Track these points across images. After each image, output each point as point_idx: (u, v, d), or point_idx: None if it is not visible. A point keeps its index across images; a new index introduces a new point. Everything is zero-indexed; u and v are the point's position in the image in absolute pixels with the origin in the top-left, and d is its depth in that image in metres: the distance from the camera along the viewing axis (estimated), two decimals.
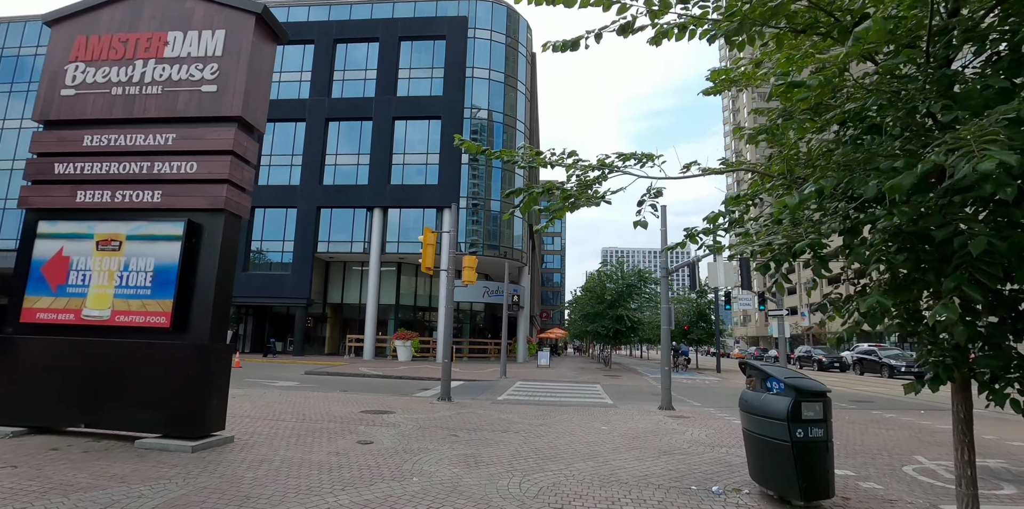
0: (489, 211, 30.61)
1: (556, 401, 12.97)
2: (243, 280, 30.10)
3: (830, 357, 33.62)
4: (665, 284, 11.78)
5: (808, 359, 35.36)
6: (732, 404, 13.05)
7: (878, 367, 27.24)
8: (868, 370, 28.34)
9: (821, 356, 34.18)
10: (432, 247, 12.62)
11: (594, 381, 19.52)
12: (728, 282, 11.49)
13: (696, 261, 11.68)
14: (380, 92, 31.50)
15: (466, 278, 12.88)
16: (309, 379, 17.99)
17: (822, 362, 33.31)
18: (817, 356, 34.54)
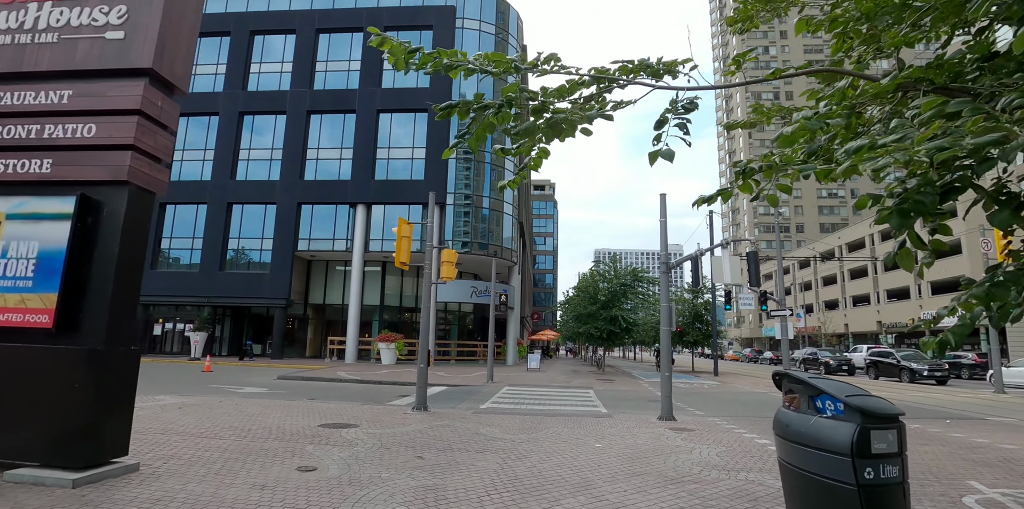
0: (482, 208, 29.39)
1: (545, 410, 11.75)
2: (219, 279, 28.75)
3: (837, 359, 32.08)
4: (665, 281, 10.61)
5: (814, 361, 33.82)
6: (738, 413, 11.86)
7: (895, 371, 25.35)
8: (884, 374, 26.50)
9: (828, 358, 32.64)
10: (407, 240, 11.39)
11: (587, 386, 18.31)
12: (734, 278, 10.30)
13: (699, 255, 10.51)
14: (364, 84, 30.23)
15: (445, 274, 11.66)
16: (280, 385, 16.68)
17: (829, 365, 31.79)
18: (824, 358, 33.01)
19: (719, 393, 17.15)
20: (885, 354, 26.58)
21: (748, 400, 15.11)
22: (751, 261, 10.88)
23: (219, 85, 31.48)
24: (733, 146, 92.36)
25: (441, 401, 13.22)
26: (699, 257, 10.79)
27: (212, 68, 31.89)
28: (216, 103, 30.98)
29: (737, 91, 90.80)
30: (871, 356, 27.84)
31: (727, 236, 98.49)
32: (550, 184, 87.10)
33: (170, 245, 30.23)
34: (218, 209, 29.72)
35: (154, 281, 29.22)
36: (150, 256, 29.61)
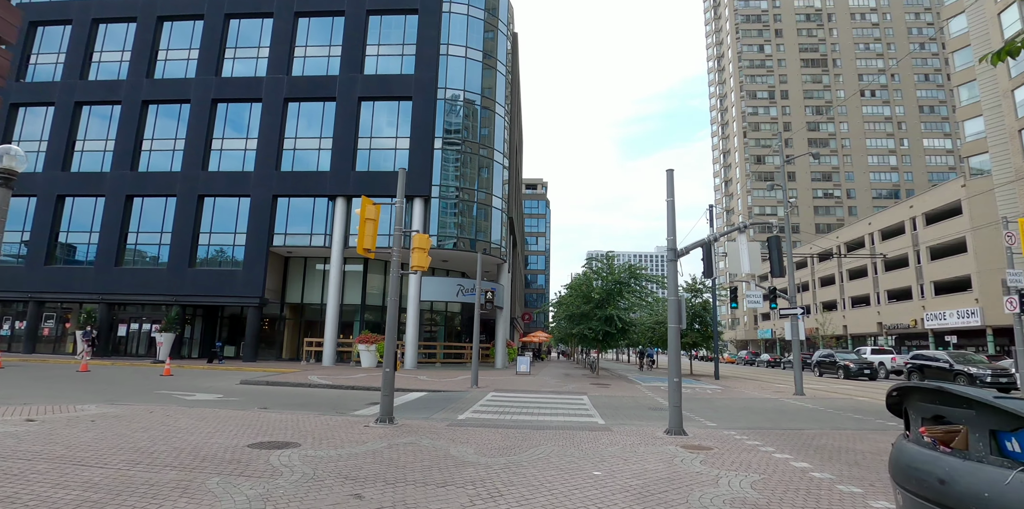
0: (475, 202, 27.74)
1: (532, 421, 10.13)
2: (189, 277, 26.94)
3: (859, 363, 28.35)
4: (673, 270, 9.02)
5: (830, 365, 29.91)
6: (756, 424, 10.27)
7: (947, 377, 20.74)
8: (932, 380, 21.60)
9: (847, 361, 28.78)
10: (372, 223, 9.75)
11: (580, 391, 16.70)
12: (754, 267, 8.72)
13: (712, 241, 8.93)
14: (345, 70, 28.53)
15: (416, 262, 10.01)
16: (238, 390, 14.96)
17: (849, 368, 28.08)
18: (843, 360, 29.09)
19: (726, 400, 15.58)
20: (932, 357, 22.44)
21: (761, 408, 13.55)
22: (774, 247, 9.31)
23: (191, 71, 29.69)
24: (727, 146, 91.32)
25: (414, 410, 11.56)
26: (711, 243, 9.21)
27: (184, 53, 30.11)
28: (188, 90, 29.18)
29: (731, 91, 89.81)
30: (914, 359, 23.55)
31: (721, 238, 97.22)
32: (542, 183, 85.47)
33: (137, 240, 28.35)
34: (188, 202, 27.89)
35: (119, 278, 27.39)
36: (115, 252, 27.76)
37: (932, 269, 40.65)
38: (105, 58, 30.75)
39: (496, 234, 29.00)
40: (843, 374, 28.10)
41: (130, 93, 29.55)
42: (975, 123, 36.97)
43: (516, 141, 37.12)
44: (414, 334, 25.92)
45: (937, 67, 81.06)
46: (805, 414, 12.27)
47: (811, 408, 13.51)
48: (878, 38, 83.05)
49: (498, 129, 29.82)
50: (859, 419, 11.46)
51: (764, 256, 37.19)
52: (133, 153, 28.95)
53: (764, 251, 33.56)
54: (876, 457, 7.17)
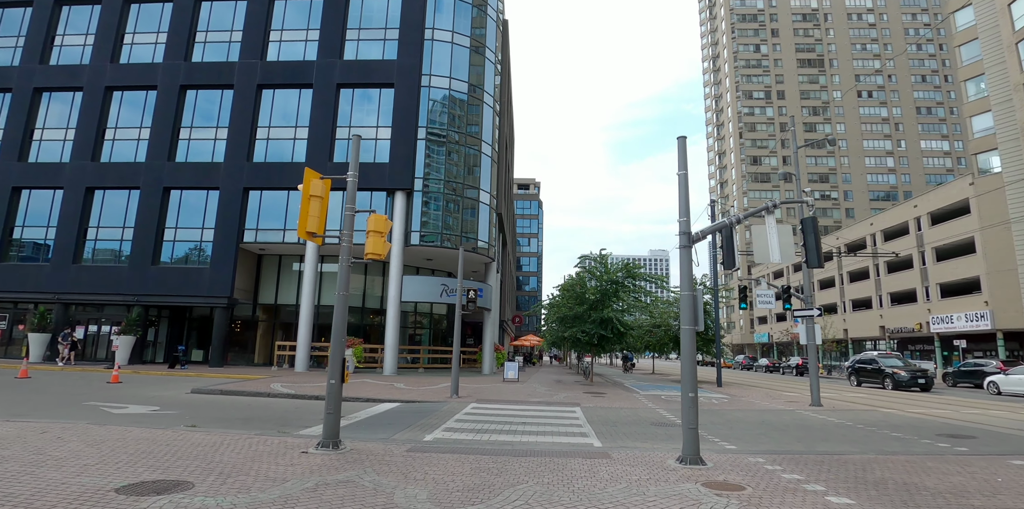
0: (461, 196, 25.94)
1: (514, 443, 8.33)
2: (152, 275, 24.98)
3: (910, 370, 23.01)
4: (687, 258, 7.28)
5: (873, 373, 24.72)
6: (784, 446, 8.46)
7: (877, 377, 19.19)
8: None
9: (896, 368, 23.54)
10: (317, 202, 7.95)
11: (572, 402, 14.91)
12: (785, 255, 6.98)
13: (733, 223, 7.18)
14: (323, 55, 26.73)
15: (371, 249, 8.21)
16: (184, 401, 13.10)
17: (898, 378, 22.92)
18: (889, 367, 23.77)
19: (737, 412, 13.83)
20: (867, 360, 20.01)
21: (780, 423, 11.80)
22: (809, 230, 7.59)
23: (159, 56, 27.79)
24: (723, 147, 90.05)
25: (376, 427, 9.74)
26: (733, 226, 7.47)
27: (152, 37, 28.22)
28: (155, 76, 27.28)
29: (726, 91, 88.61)
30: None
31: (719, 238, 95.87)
32: (535, 183, 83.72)
33: (97, 236, 26.35)
34: (152, 194, 25.95)
35: (77, 277, 25.40)
36: (73, 248, 25.76)
37: (938, 270, 39.20)
38: (68, 42, 28.82)
39: (484, 231, 27.22)
40: (891, 384, 23.16)
41: (93, 79, 27.62)
42: (983, 119, 35.62)
43: (506, 135, 35.39)
44: (394, 337, 24.06)
45: (935, 68, 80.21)
46: (835, 432, 10.53)
47: (837, 423, 11.78)
48: (875, 38, 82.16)
49: (487, 120, 28.08)
50: (901, 438, 9.73)
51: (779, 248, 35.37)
52: (95, 142, 27.00)
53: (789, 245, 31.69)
54: (962, 502, 5.43)
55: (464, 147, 26.76)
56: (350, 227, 8.11)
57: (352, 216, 8.14)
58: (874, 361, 25.42)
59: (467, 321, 38.99)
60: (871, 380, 25.05)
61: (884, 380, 23.87)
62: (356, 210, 8.21)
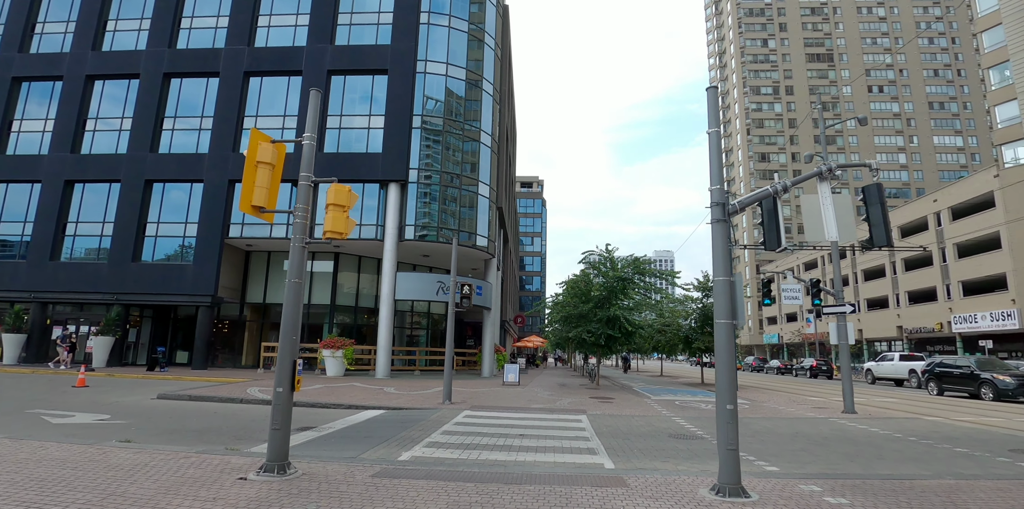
0: (459, 188, 24.49)
1: (507, 464, 6.85)
2: (132, 272, 23.63)
3: (1017, 375, 18.67)
4: (722, 234, 5.79)
5: (962, 379, 20.22)
6: (837, 467, 6.86)
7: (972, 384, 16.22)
8: None
9: (1003, 374, 18.91)
10: (267, 170, 6.51)
11: (577, 408, 13.42)
12: (844, 232, 5.49)
13: (778, 192, 5.67)
14: (313, 40, 25.35)
15: (331, 226, 6.75)
16: (142, 408, 11.71)
17: (1002, 385, 18.47)
18: (990, 374, 19.11)
19: (764, 420, 12.30)
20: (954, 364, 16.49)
21: (819, 435, 10.27)
22: (874, 199, 6.08)
23: (142, 43, 26.47)
24: (729, 144, 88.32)
25: (346, 442, 8.26)
26: (777, 196, 5.97)
27: (135, 24, 26.90)
28: (138, 63, 25.96)
29: (733, 87, 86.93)
30: None
31: None
32: (538, 181, 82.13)
33: (76, 231, 25.03)
34: (134, 187, 24.61)
35: (54, 274, 24.08)
36: (50, 245, 24.44)
37: (960, 268, 37.48)
38: (48, 29, 27.53)
39: (483, 225, 25.76)
40: (991, 393, 18.79)
41: (74, 67, 26.32)
42: (1009, 107, 33.96)
43: (507, 127, 33.95)
44: (387, 338, 22.61)
45: (947, 62, 78.33)
46: (887, 446, 8.99)
47: (883, 434, 10.24)
48: (885, 32, 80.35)
49: (486, 109, 26.64)
50: (970, 455, 8.19)
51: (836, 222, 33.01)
52: (74, 134, 25.69)
53: None
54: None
55: (462, 137, 25.32)
56: (306, 201, 6.67)
57: (309, 188, 6.70)
58: (961, 365, 20.95)
59: (467, 321, 37.53)
60: (958, 387, 20.66)
61: (980, 388, 19.37)
62: (315, 180, 6.76)
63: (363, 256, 26.58)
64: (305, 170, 6.69)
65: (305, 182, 6.67)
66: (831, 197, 6.07)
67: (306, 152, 6.72)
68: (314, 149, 6.77)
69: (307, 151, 6.72)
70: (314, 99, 6.92)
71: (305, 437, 8.78)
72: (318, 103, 6.95)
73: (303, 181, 6.66)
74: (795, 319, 65.35)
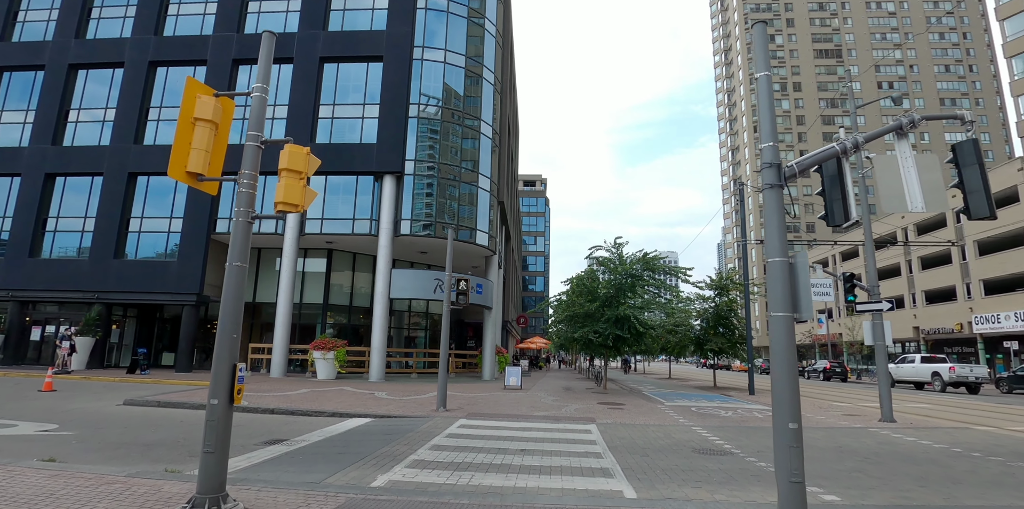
0: (458, 180, 23.21)
1: (504, 492, 5.55)
2: (114, 270, 22.45)
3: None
4: (775, 202, 4.50)
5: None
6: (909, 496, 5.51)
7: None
8: None
9: None
10: (207, 129, 5.26)
11: (586, 416, 12.11)
12: (932, 201, 4.12)
13: (847, 150, 4.35)
14: (305, 26, 24.16)
15: (284, 197, 5.43)
16: (105, 415, 10.51)
17: None
18: None
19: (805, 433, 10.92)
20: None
21: (863, 448, 8.94)
22: (969, 159, 4.74)
23: (127, 30, 25.32)
24: (736, 142, 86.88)
25: (315, 460, 6.96)
26: (843, 156, 4.68)
27: (120, 10, 25.75)
28: (122, 51, 24.80)
29: (739, 84, 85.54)
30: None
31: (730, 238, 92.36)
32: (541, 180, 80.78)
33: (57, 226, 23.85)
34: (117, 180, 23.44)
35: (34, 271, 22.91)
36: (29, 241, 23.28)
37: (981, 266, 36.00)
38: (30, 17, 26.42)
39: (483, 220, 24.47)
40: None
41: (56, 56, 25.19)
42: None
43: (509, 119, 32.68)
44: (381, 339, 21.35)
45: (959, 57, 76.77)
46: (954, 465, 7.66)
47: (941, 449, 8.91)
48: (895, 27, 78.85)
49: (486, 98, 25.38)
50: None
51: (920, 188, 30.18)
52: (56, 125, 24.54)
53: None
54: None
55: (461, 127, 24.06)
56: (253, 165, 5.41)
57: (257, 150, 5.44)
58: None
59: (468, 322, 36.23)
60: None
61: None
62: (265, 141, 5.50)
63: (358, 253, 25.33)
64: (254, 128, 5.43)
65: (253, 142, 5.40)
66: (913, 157, 4.77)
67: (255, 107, 5.46)
68: (265, 103, 5.51)
69: (257, 105, 5.46)
70: (267, 43, 5.67)
71: (270, 453, 7.51)
72: (271, 49, 5.70)
73: (251, 141, 5.40)
74: (804, 320, 63.71)
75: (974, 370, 25.93)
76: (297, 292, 24.05)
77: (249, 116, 5.49)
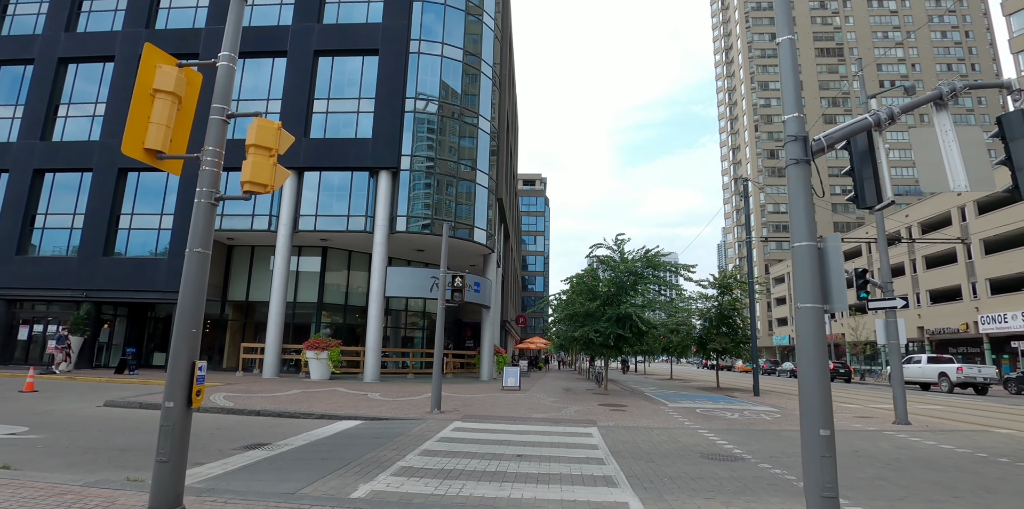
0: (455, 176, 22.69)
1: (499, 503, 5.03)
2: (103, 267, 21.93)
3: None
4: (800, 179, 3.98)
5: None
6: None
7: None
8: None
9: None
10: (168, 102, 4.76)
11: (586, 418, 11.58)
12: (976, 179, 3.57)
13: (879, 124, 3.81)
14: (299, 18, 23.64)
15: (249, 176, 4.92)
16: (83, 417, 9.99)
17: None
18: None
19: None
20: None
21: (882, 453, 8.41)
22: (1017, 130, 4.21)
23: (118, 23, 24.81)
24: (737, 142, 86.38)
25: (294, 467, 6.42)
26: (876, 128, 4.16)
27: (112, 3, 25.24)
28: (113, 45, 24.30)
29: (740, 83, 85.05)
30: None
31: (731, 238, 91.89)
32: (541, 179, 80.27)
33: (45, 224, 23.33)
34: (107, 176, 22.93)
35: (21, 270, 22.39)
36: (17, 238, 22.76)
37: (987, 264, 35.45)
38: (20, 10, 25.91)
39: (481, 217, 23.95)
40: None
41: (45, 50, 24.68)
42: None
43: (508, 115, 32.16)
44: (376, 339, 20.82)
45: (961, 56, 76.28)
46: (983, 472, 7.13)
47: (965, 454, 8.38)
48: (897, 26, 78.37)
49: (484, 92, 24.86)
50: None
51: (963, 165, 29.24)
52: (45, 120, 24.03)
53: None
54: None
55: (459, 122, 23.54)
56: (217, 141, 4.91)
57: (223, 124, 4.93)
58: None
59: (466, 321, 35.66)
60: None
61: None
62: (232, 114, 4.99)
63: (353, 251, 24.80)
64: (220, 101, 4.92)
65: (218, 116, 4.89)
66: (954, 130, 4.25)
67: (222, 77, 4.95)
68: (232, 74, 4.99)
69: (223, 75, 4.95)
70: (236, 7, 5.14)
71: (248, 459, 6.98)
72: (240, 14, 5.18)
73: (215, 115, 4.88)
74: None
75: (982, 371, 25.41)
76: (291, 291, 23.53)
77: (215, 88, 4.97)
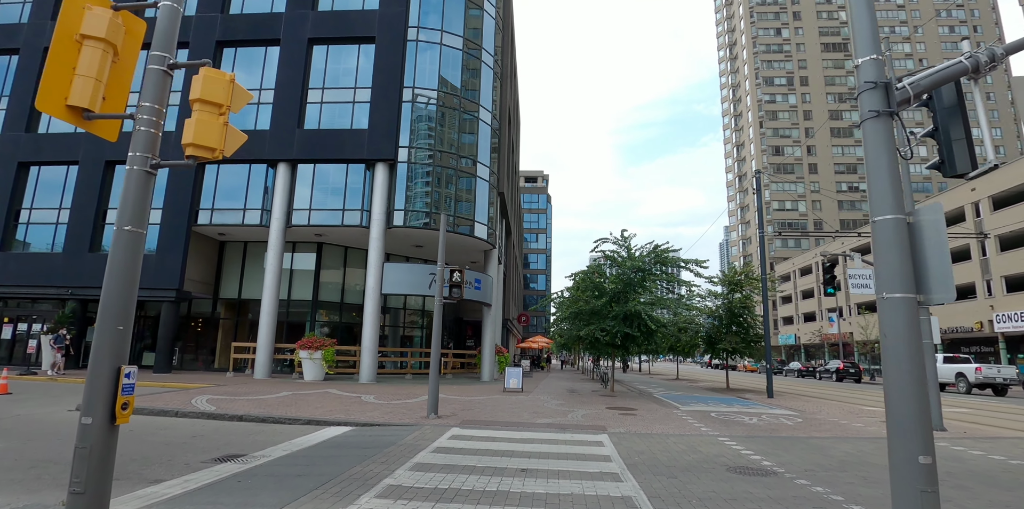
0: (455, 169, 21.83)
1: None
2: (89, 264, 21.13)
3: None
4: (882, 135, 3.12)
5: None
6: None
7: None
8: None
9: None
10: (98, 50, 3.88)
11: (595, 424, 10.71)
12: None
13: (979, 69, 2.93)
14: (293, 6, 22.79)
15: (192, 137, 4.01)
16: (48, 424, 9.22)
17: None
18: None
19: (839, 443, 9.57)
20: None
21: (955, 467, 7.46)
22: None
23: None
24: (741, 138, 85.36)
25: (263, 487, 5.54)
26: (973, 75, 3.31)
27: None
28: None
29: (745, 79, 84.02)
30: None
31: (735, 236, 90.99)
32: (543, 176, 79.30)
33: (30, 219, 22.54)
34: (93, 169, 22.12)
35: (5, 266, 21.63)
36: (1, 232, 21.98)
37: (1003, 261, 34.52)
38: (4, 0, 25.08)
39: (482, 212, 23.08)
40: None
41: (31, 39, 23.87)
42: None
43: (509, 107, 31.27)
44: (372, 338, 19.99)
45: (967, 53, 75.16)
46: None
47: (1018, 465, 7.49)
48: (904, 21, 77.29)
49: (485, 82, 23.99)
50: None
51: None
52: (31, 112, 23.21)
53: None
54: None
55: (459, 112, 22.67)
56: (155, 96, 4.05)
57: (164, 75, 4.07)
58: None
59: (466, 320, 34.81)
60: None
61: None
62: (174, 64, 4.12)
63: (349, 247, 23.97)
64: (161, 48, 4.06)
65: (158, 66, 4.04)
66: None
67: (163, 18, 4.10)
68: (178, 15, 4.13)
69: (165, 16, 4.09)
70: None
71: (215, 474, 6.12)
72: None
73: (154, 64, 4.02)
74: (813, 319, 62.33)
75: (1002, 371, 24.51)
76: (284, 288, 22.74)
77: (155, 33, 4.11)
